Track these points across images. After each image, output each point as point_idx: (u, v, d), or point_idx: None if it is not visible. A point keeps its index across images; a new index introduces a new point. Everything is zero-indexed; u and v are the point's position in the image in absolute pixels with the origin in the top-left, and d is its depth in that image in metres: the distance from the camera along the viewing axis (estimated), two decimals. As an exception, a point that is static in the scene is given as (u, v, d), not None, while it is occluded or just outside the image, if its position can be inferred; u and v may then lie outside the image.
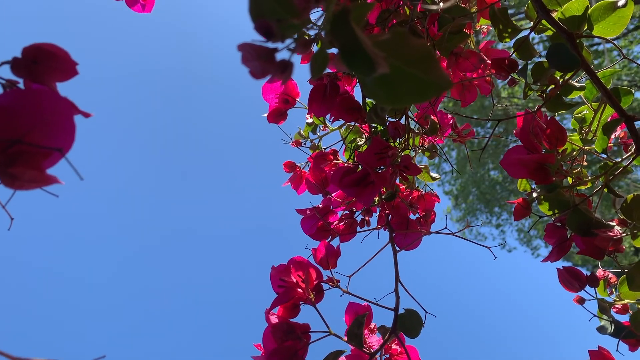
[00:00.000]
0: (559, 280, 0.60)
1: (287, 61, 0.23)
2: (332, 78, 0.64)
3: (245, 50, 0.23)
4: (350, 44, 0.21)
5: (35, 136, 0.22)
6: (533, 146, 0.49)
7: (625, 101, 0.55)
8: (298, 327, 0.49)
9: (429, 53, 0.24)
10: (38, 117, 0.22)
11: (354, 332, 0.52)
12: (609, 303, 0.58)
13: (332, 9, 0.22)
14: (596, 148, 0.55)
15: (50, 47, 0.26)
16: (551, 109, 0.56)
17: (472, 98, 0.70)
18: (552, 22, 0.54)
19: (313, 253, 0.58)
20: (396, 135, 0.59)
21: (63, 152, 0.23)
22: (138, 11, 0.70)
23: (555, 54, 0.51)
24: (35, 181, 0.22)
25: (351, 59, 0.21)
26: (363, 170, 0.54)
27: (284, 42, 0.23)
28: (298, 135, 0.76)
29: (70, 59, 0.27)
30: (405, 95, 0.23)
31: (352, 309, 0.59)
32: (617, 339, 0.55)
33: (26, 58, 0.26)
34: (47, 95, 0.22)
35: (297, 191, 0.75)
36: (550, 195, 0.55)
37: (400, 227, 0.64)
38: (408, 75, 0.23)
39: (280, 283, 0.51)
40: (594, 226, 0.52)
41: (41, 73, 0.26)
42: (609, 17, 0.55)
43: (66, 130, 0.23)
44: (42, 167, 0.23)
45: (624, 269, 0.55)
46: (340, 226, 0.66)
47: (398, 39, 0.24)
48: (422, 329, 0.55)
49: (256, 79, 0.24)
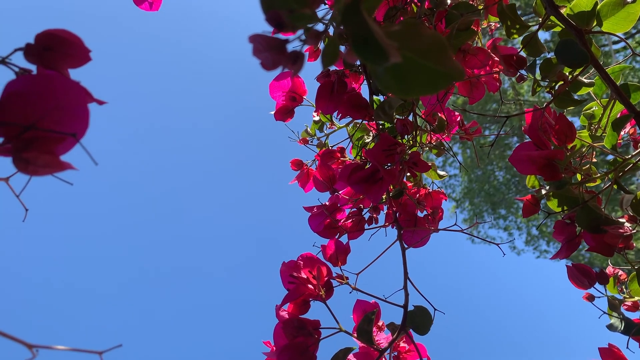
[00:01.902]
0: (568, 278, 0.59)
1: (299, 52, 0.23)
2: (340, 75, 0.64)
3: (257, 41, 0.23)
4: (362, 34, 0.21)
5: (49, 122, 0.22)
6: (542, 142, 0.49)
7: (634, 97, 0.55)
8: (309, 323, 0.49)
9: (442, 43, 0.24)
10: (51, 103, 0.22)
11: (364, 329, 0.52)
12: (619, 300, 0.58)
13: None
14: (605, 144, 0.54)
15: (63, 34, 0.26)
16: (560, 105, 0.55)
17: (479, 95, 0.69)
18: (560, 18, 0.54)
19: (322, 250, 0.58)
20: (404, 132, 0.59)
21: (77, 138, 0.23)
22: (146, 9, 0.70)
23: (564, 50, 0.51)
24: (49, 166, 0.22)
25: (363, 49, 0.21)
26: (372, 167, 0.54)
27: (295, 33, 0.23)
28: (305, 133, 0.76)
29: (83, 45, 0.27)
30: (417, 86, 0.23)
31: (360, 306, 0.59)
32: (627, 336, 0.54)
33: (39, 45, 0.26)
34: (60, 81, 0.23)
35: (304, 189, 0.75)
36: (559, 192, 0.55)
37: (408, 224, 0.64)
38: (420, 65, 0.23)
39: (290, 279, 0.51)
40: (603, 223, 0.51)
41: (54, 60, 0.26)
42: (618, 13, 0.55)
43: (80, 116, 0.23)
44: (56, 153, 0.23)
45: (634, 265, 0.55)
46: (348, 223, 0.66)
47: (410, 29, 0.24)
48: (431, 326, 0.55)
49: (267, 70, 0.24)
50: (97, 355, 0.24)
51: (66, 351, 0.24)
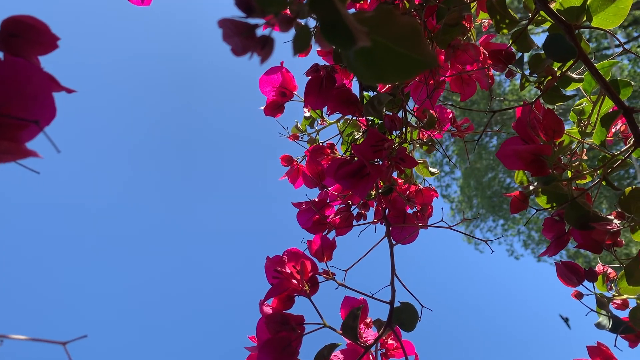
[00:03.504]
0: (557, 275, 0.59)
1: (268, 37, 0.23)
2: (329, 71, 0.63)
3: (226, 26, 0.23)
4: (330, 17, 0.21)
5: (13, 108, 0.22)
6: (529, 137, 0.48)
7: (624, 93, 0.54)
8: (292, 318, 0.49)
9: (416, 29, 0.23)
10: (15, 89, 0.22)
11: (349, 325, 0.52)
12: (607, 298, 0.58)
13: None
14: (594, 140, 0.54)
15: (29, 20, 0.26)
16: (549, 100, 0.55)
17: (471, 92, 0.69)
18: (550, 13, 0.53)
19: (308, 245, 0.57)
20: (392, 127, 0.59)
21: (40, 125, 0.22)
22: (137, 4, 0.70)
23: (552, 44, 0.50)
24: (10, 153, 0.22)
25: (330, 32, 0.21)
26: (358, 162, 0.53)
27: (265, 17, 0.23)
28: (295, 128, 0.76)
29: (49, 32, 0.26)
30: (388, 72, 0.23)
31: (348, 303, 0.58)
32: (615, 334, 0.54)
33: (5, 31, 0.25)
34: (23, 66, 0.22)
35: (294, 185, 0.75)
36: (547, 188, 0.55)
37: (397, 220, 0.64)
38: (392, 51, 0.23)
39: (274, 274, 0.51)
40: (591, 219, 0.51)
41: (20, 46, 0.26)
42: (608, 8, 0.54)
43: (44, 104, 0.22)
44: (19, 139, 0.22)
45: (623, 263, 0.54)
46: (337, 219, 0.65)
47: (384, 15, 0.23)
48: (419, 323, 0.55)
49: (237, 55, 0.23)
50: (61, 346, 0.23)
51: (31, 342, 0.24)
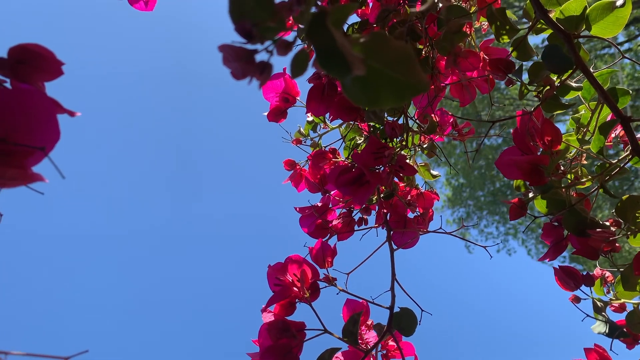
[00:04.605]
0: (555, 279, 0.60)
1: (266, 62, 0.24)
2: (331, 78, 0.64)
3: (226, 51, 0.24)
4: (326, 46, 0.22)
5: (19, 135, 0.23)
6: (527, 147, 0.49)
7: (622, 101, 0.55)
8: (293, 325, 0.50)
9: (409, 55, 0.24)
10: (21, 116, 0.23)
11: (349, 330, 0.53)
12: (605, 302, 0.58)
13: (310, 11, 0.23)
14: (592, 148, 0.55)
15: (35, 48, 0.27)
16: (548, 109, 0.56)
17: (471, 98, 0.70)
18: (549, 22, 0.54)
19: (310, 251, 0.58)
20: (393, 135, 0.59)
21: (46, 151, 0.23)
22: (140, 9, 0.71)
23: (550, 56, 0.51)
24: (17, 179, 0.23)
25: (326, 60, 0.22)
26: (358, 170, 0.54)
27: (264, 43, 0.24)
28: (298, 133, 0.77)
29: (55, 59, 0.27)
30: (383, 97, 0.24)
31: (350, 306, 0.59)
32: (611, 338, 0.55)
33: (12, 58, 0.26)
34: (29, 94, 0.23)
35: (297, 189, 0.75)
36: (546, 195, 0.55)
37: (398, 225, 0.64)
38: (386, 77, 0.24)
39: (276, 281, 0.52)
40: (588, 226, 0.52)
41: (27, 73, 0.27)
42: (607, 17, 0.55)
43: (49, 129, 0.23)
44: (25, 166, 0.23)
45: (619, 268, 0.55)
46: (339, 224, 0.66)
47: (377, 40, 0.24)
48: (419, 328, 0.55)
49: (236, 79, 0.24)
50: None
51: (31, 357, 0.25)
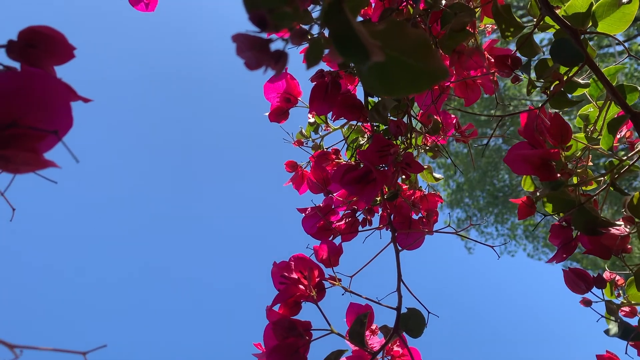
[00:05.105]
0: (565, 282, 0.59)
1: (281, 51, 0.23)
2: (334, 76, 0.63)
3: (240, 40, 0.23)
4: (344, 32, 0.21)
5: (31, 119, 0.22)
6: (537, 142, 0.48)
7: (630, 98, 0.54)
8: (300, 324, 0.49)
9: (426, 42, 0.23)
10: (33, 100, 0.22)
11: (356, 331, 0.52)
12: (616, 305, 0.57)
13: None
14: (602, 146, 0.54)
15: (46, 30, 0.26)
16: (555, 106, 0.55)
17: (475, 97, 0.69)
18: (555, 18, 0.53)
19: (315, 251, 0.57)
20: (398, 133, 0.59)
21: (59, 135, 0.22)
22: (142, 10, 0.70)
23: (559, 49, 0.50)
24: (29, 164, 0.22)
25: (345, 47, 0.21)
26: (364, 168, 0.53)
27: (278, 32, 0.23)
28: (300, 134, 0.76)
29: (66, 42, 0.27)
30: (401, 85, 0.23)
31: (354, 309, 0.58)
32: (625, 341, 0.54)
33: (22, 41, 0.26)
34: (42, 77, 0.22)
35: (298, 191, 0.75)
36: (555, 195, 0.55)
37: (402, 226, 0.64)
38: (404, 64, 0.23)
39: (281, 280, 0.51)
40: (600, 225, 0.51)
41: (38, 56, 0.26)
42: (613, 14, 0.54)
43: (62, 114, 0.22)
44: (37, 150, 0.23)
45: (632, 270, 0.54)
46: (342, 225, 0.65)
47: (395, 28, 0.23)
48: (425, 329, 0.54)
49: (250, 69, 0.23)
50: (81, 356, 0.23)
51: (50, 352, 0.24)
